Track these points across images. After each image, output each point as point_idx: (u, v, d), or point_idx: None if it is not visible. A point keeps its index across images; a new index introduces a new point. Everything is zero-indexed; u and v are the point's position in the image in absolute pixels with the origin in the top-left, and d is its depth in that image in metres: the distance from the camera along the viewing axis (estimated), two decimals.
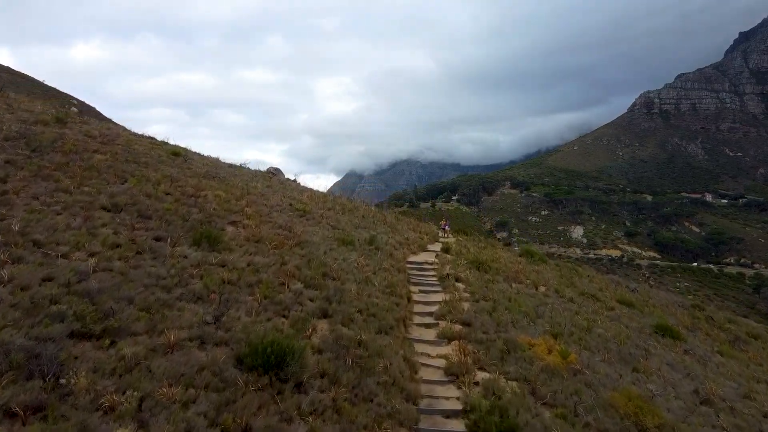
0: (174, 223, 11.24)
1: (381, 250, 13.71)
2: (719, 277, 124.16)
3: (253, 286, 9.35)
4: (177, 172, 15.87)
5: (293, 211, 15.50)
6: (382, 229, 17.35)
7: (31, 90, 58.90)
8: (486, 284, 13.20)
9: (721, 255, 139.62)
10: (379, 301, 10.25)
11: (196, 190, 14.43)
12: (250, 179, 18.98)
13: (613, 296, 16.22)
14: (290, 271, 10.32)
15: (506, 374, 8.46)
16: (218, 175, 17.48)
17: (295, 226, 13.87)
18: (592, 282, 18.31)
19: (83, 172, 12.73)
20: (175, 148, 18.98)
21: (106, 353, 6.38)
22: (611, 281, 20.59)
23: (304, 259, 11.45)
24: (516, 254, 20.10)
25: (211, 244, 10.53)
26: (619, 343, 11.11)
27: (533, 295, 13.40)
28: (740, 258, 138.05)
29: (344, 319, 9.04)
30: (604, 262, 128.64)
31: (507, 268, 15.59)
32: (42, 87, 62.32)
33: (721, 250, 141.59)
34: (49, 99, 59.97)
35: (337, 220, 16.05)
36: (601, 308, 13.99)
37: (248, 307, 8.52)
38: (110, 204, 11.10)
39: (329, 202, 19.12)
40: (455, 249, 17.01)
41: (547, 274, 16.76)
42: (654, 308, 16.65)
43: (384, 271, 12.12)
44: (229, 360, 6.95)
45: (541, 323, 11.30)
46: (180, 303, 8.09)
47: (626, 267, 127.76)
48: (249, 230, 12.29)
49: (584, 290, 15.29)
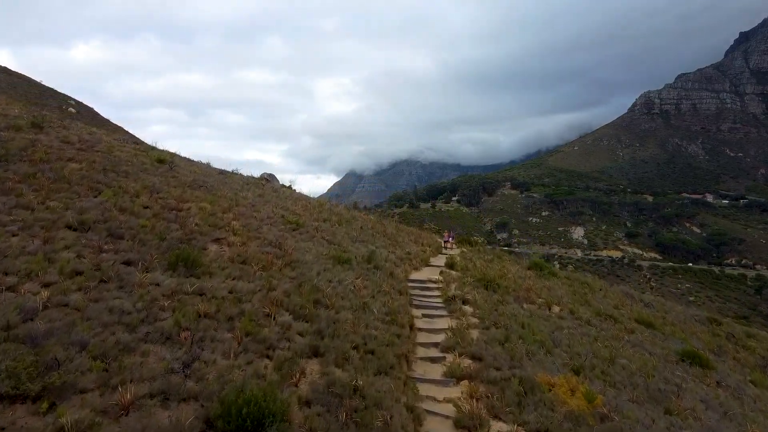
0: (149, 243, 10.05)
1: (380, 269, 12.52)
2: (720, 279, 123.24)
3: (234, 320, 8.17)
4: (160, 182, 14.68)
5: (285, 224, 14.30)
6: (382, 243, 16.18)
7: (28, 90, 57.64)
8: (495, 306, 12.02)
9: (723, 256, 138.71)
10: (378, 332, 9.07)
11: (179, 202, 13.25)
12: (241, 187, 17.78)
13: (630, 314, 15.07)
14: (278, 299, 9.13)
15: (525, 425, 7.29)
16: (206, 184, 16.29)
17: (287, 242, 12.69)
18: (606, 297, 17.13)
19: (51, 184, 11.54)
20: (161, 155, 17.79)
21: (42, 420, 5.20)
22: (624, 294, 19.42)
23: (295, 282, 10.27)
24: (524, 267, 18.95)
25: (188, 268, 9.34)
26: (646, 377, 9.94)
27: (547, 318, 12.23)
28: (741, 259, 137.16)
29: (338, 359, 7.86)
30: (604, 263, 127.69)
31: (517, 286, 14.42)
32: (39, 87, 61.05)
33: (723, 251, 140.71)
34: (46, 100, 58.87)
35: (333, 234, 14.86)
36: (621, 331, 12.83)
37: (226, 348, 7.33)
38: (77, 222, 9.91)
39: (325, 212, 17.93)
40: (460, 264, 15.83)
41: (559, 291, 15.60)
42: (673, 327, 15.50)
43: (384, 295, 10.93)
44: (198, 422, 5.76)
45: (559, 353, 10.13)
46: (145, 345, 6.90)
47: (627, 268, 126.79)
48: (234, 249, 11.11)
49: (600, 309, 14.13)
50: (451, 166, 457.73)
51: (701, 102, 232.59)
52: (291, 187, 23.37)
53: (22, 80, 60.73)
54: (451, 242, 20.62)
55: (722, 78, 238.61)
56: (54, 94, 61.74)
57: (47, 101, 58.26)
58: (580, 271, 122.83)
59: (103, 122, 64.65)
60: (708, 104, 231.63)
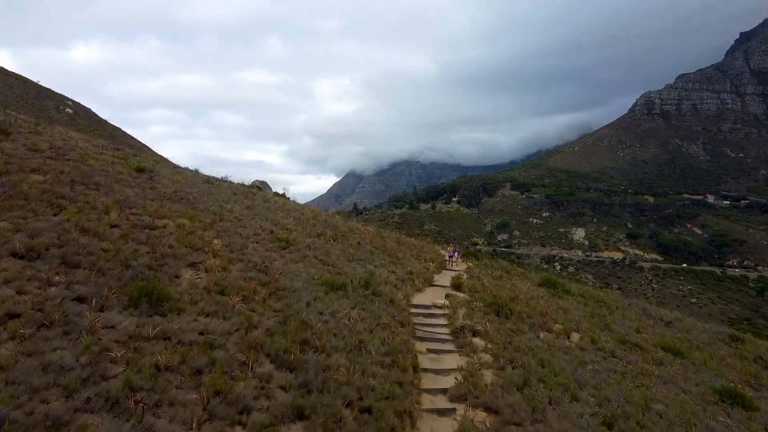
0: (110, 272, 8.64)
1: (379, 295, 11.11)
2: (722, 280, 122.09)
3: (203, 373, 6.76)
4: (136, 195, 13.25)
5: (274, 241, 12.89)
6: (381, 261, 14.76)
7: (25, 91, 56.25)
8: (510, 338, 10.62)
9: (724, 257, 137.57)
10: (376, 381, 7.66)
11: (154, 218, 11.82)
12: (228, 198, 16.35)
13: (654, 339, 13.71)
14: (258, 341, 7.73)
15: None
16: (188, 196, 14.86)
17: (274, 264, 11.27)
18: (625, 318, 15.75)
19: (4, 200, 10.11)
20: (141, 163, 16.35)
21: None
22: (642, 311, 18.04)
23: (280, 316, 8.86)
24: (535, 283, 17.55)
25: (153, 304, 7.93)
26: (686, 427, 8.55)
27: (567, 350, 10.83)
28: (743, 260, 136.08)
29: (328, 422, 6.46)
30: (605, 264, 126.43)
31: (530, 309, 13.03)
32: (36, 88, 59.60)
33: (724, 253, 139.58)
34: (43, 100, 57.23)
35: (326, 253, 13.43)
36: (649, 362, 11.45)
37: (187, 415, 5.92)
38: (25, 247, 8.48)
39: (319, 225, 16.49)
40: (468, 284, 14.42)
41: (576, 313, 14.22)
42: (700, 351, 14.15)
43: (383, 328, 9.53)
44: None
45: (586, 398, 8.74)
46: (83, 417, 5.49)
47: (628, 269, 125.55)
48: (212, 275, 9.69)
49: (623, 335, 12.76)
50: (451, 166, 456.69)
51: (702, 102, 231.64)
52: (285, 195, 21.95)
53: (18, 81, 59.28)
54: (456, 257, 19.13)
55: (723, 78, 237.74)
56: (51, 95, 60.29)
57: (44, 102, 56.90)
58: (582, 273, 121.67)
59: (100, 122, 63.28)
60: (709, 104, 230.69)
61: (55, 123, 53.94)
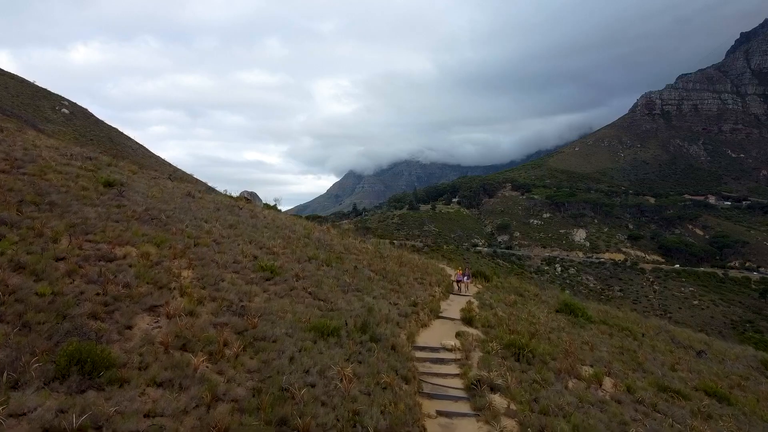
0: (38, 327, 6.84)
1: (379, 340, 9.31)
2: (724, 282, 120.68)
3: None
4: (97, 216, 11.45)
5: (257, 270, 11.09)
6: (381, 289, 12.96)
7: (21, 91, 54.39)
8: (535, 392, 8.85)
9: (726, 259, 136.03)
10: None
11: (114, 245, 10.03)
12: (209, 215, 14.53)
13: (693, 380, 11.96)
14: (221, 424, 5.94)
15: None
16: (162, 215, 13.04)
17: (255, 301, 9.49)
18: (655, 350, 14.01)
19: None
20: (111, 176, 14.53)
21: None
22: (667, 336, 16.30)
23: (255, 379, 7.08)
24: (552, 307, 15.80)
25: (87, 374, 6.13)
26: None
27: (603, 406, 9.06)
28: (745, 262, 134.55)
29: None
30: (607, 266, 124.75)
31: (553, 347, 11.25)
32: (32, 88, 57.76)
33: (726, 254, 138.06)
34: (38, 101, 55.31)
35: (318, 282, 11.62)
36: (696, 416, 9.70)
37: None
38: None
39: (311, 245, 14.68)
40: (480, 316, 12.63)
41: (602, 348, 12.46)
42: (744, 391, 12.42)
43: (383, 390, 7.74)
44: None
45: None
46: None
47: (630, 271, 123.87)
48: (174, 324, 7.90)
49: (660, 380, 11.00)
50: (451, 166, 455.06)
51: (702, 103, 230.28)
52: (276, 207, 20.10)
53: (14, 80, 57.38)
54: (466, 282, 17.16)
55: (723, 79, 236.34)
56: (47, 95, 58.45)
57: (40, 102, 55.08)
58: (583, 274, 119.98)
59: (96, 123, 61.45)
60: (709, 105, 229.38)
61: (50, 123, 52.07)
